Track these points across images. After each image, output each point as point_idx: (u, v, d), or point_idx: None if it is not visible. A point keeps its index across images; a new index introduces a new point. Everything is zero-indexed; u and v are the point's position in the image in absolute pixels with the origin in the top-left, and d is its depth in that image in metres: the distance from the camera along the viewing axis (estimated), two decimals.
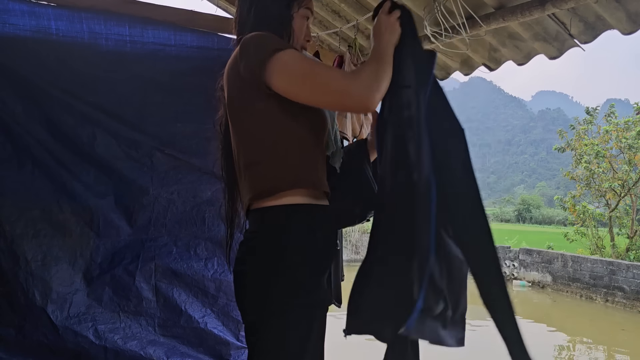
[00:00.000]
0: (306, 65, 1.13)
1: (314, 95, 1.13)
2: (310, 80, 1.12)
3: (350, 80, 1.11)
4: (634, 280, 8.50)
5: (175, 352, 2.09)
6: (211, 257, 2.20)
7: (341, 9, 2.83)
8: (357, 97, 1.10)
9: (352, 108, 1.14)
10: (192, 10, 2.09)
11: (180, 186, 2.14)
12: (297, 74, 1.12)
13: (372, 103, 1.12)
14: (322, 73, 1.13)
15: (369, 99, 1.10)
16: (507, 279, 11.31)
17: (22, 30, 1.79)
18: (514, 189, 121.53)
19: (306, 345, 1.14)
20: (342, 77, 1.13)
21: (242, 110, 1.20)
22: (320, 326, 1.20)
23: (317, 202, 1.22)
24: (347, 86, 1.10)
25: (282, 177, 1.17)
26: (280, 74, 1.12)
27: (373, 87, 1.11)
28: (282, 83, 1.12)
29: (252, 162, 1.20)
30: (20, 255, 1.86)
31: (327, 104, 1.17)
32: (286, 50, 1.13)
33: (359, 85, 1.10)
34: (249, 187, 1.21)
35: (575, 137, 12.20)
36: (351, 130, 2.74)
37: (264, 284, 1.14)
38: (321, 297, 1.20)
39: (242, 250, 1.22)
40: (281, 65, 1.11)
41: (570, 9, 2.00)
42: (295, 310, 1.13)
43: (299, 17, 1.28)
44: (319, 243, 1.19)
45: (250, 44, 1.15)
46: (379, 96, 1.13)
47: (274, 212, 1.16)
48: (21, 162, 1.86)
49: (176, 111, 2.07)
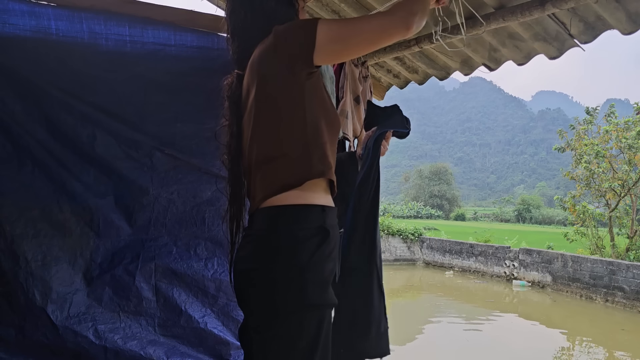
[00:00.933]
0: (345, 21, 1.24)
1: (366, 40, 1.20)
2: (358, 28, 1.19)
3: (388, 15, 1.20)
4: (634, 280, 8.50)
5: (175, 352, 2.09)
6: (211, 257, 2.20)
7: (341, 9, 2.83)
8: (400, 27, 1.18)
9: (399, 36, 1.23)
10: (192, 10, 2.09)
11: (180, 186, 2.13)
12: (343, 31, 1.19)
13: (411, 28, 1.18)
14: (361, 21, 1.21)
15: (408, 25, 1.18)
16: (507, 279, 11.31)
17: (22, 30, 1.79)
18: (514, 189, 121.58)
19: (317, 344, 1.14)
20: (380, 17, 1.21)
21: (269, 104, 1.22)
22: (328, 327, 1.20)
23: (328, 202, 1.23)
24: (387, 23, 1.19)
25: (310, 167, 1.20)
26: (327, 38, 1.17)
27: (409, 16, 1.18)
28: (331, 44, 1.18)
29: (274, 156, 1.21)
30: (20, 255, 1.86)
31: (379, 42, 1.24)
32: (318, 21, 1.19)
33: (396, 17, 1.19)
34: (272, 180, 1.21)
35: (575, 137, 12.21)
36: (352, 130, 2.74)
37: (273, 284, 1.13)
38: (330, 297, 1.20)
39: (247, 249, 1.21)
40: (324, 31, 1.17)
41: (570, 9, 2.00)
42: (306, 311, 1.13)
43: (301, 10, 1.36)
44: (331, 243, 1.19)
45: (286, 30, 1.20)
46: (416, 21, 1.19)
47: (285, 211, 1.16)
48: (21, 162, 1.86)
49: (176, 111, 2.07)
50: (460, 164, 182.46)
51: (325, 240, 1.17)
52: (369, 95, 2.86)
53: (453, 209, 47.68)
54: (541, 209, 44.30)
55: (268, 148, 1.22)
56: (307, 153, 1.20)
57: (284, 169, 1.19)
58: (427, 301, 10.26)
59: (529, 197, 50.83)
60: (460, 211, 45.40)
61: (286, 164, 1.19)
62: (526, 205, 44.49)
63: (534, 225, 37.51)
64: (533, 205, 44.81)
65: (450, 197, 51.79)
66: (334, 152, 1.29)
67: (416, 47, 2.67)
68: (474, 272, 12.31)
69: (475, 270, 12.34)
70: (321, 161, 1.21)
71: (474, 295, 10.55)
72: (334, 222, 1.24)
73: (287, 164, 1.19)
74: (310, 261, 1.14)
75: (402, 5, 1.20)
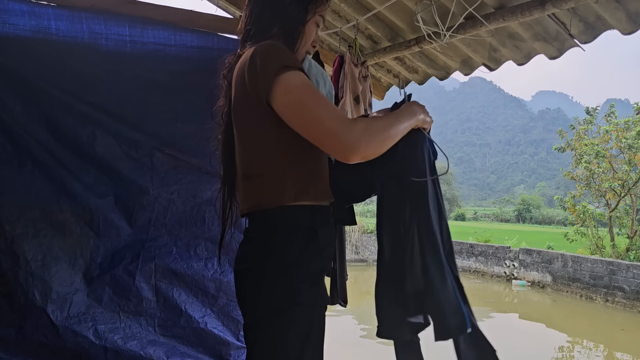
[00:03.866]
0: (308, 96, 1.10)
1: (305, 128, 1.11)
2: (307, 112, 1.09)
3: (345, 125, 1.06)
4: (634, 280, 8.50)
5: (175, 352, 2.09)
6: (211, 257, 2.20)
7: (341, 9, 2.83)
8: (342, 145, 1.06)
9: (335, 153, 1.11)
10: (192, 10, 2.09)
11: (180, 186, 2.13)
12: (296, 102, 1.10)
13: (354, 156, 1.07)
14: (321, 108, 1.09)
15: (353, 150, 1.06)
16: (507, 279, 11.31)
17: (22, 30, 1.79)
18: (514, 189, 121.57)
19: (306, 343, 1.14)
20: (336, 119, 1.07)
21: (246, 119, 1.20)
22: (320, 325, 1.21)
23: (319, 201, 1.23)
24: (337, 130, 1.06)
25: (284, 191, 1.16)
26: (281, 96, 1.10)
27: (362, 141, 1.06)
28: (281, 106, 1.11)
29: (252, 174, 1.20)
30: (20, 255, 1.86)
31: (315, 140, 1.12)
32: (293, 71, 1.11)
33: (351, 134, 1.06)
34: (248, 198, 1.21)
35: (575, 137, 12.20)
36: None
37: (264, 283, 1.15)
38: (321, 296, 1.21)
39: (243, 249, 1.23)
40: (284, 87, 1.10)
41: (570, 9, 2.00)
42: (296, 309, 1.14)
43: (312, 22, 1.29)
44: (320, 243, 1.20)
45: (259, 56, 1.13)
46: (366, 153, 1.08)
47: (275, 213, 1.17)
48: (21, 162, 1.86)
49: (176, 111, 2.07)
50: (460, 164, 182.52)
51: (314, 240, 1.18)
52: (368, 95, 2.86)
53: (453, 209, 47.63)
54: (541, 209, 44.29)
55: (247, 165, 1.22)
56: (281, 177, 1.17)
57: (259, 189, 1.19)
58: None
59: (529, 197, 50.82)
60: (460, 211, 45.40)
61: (261, 184, 1.18)
62: (526, 205, 44.48)
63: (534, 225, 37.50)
64: (533, 205, 44.80)
65: (450, 197, 51.74)
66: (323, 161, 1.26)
67: (416, 47, 2.67)
68: (474, 272, 12.30)
69: (475, 270, 12.33)
70: (296, 185, 1.17)
71: (474, 295, 10.53)
72: (324, 220, 1.23)
73: (262, 185, 1.18)
74: (299, 261, 1.15)
75: (368, 127, 1.09)
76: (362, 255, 13.44)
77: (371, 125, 1.10)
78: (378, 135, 1.11)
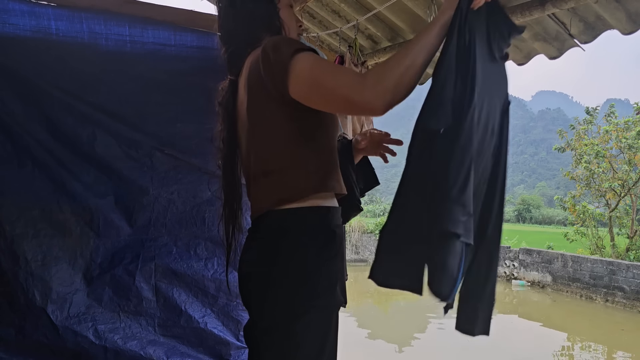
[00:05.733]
0: (317, 71, 1.08)
1: (326, 104, 1.11)
2: (322, 88, 1.08)
3: (355, 88, 1.02)
4: (634, 280, 8.50)
5: (175, 352, 2.09)
6: (211, 257, 2.20)
7: (341, 9, 2.83)
8: (361, 105, 1.03)
9: (362, 115, 1.10)
10: (192, 10, 2.09)
11: (180, 186, 2.13)
12: (310, 80, 1.09)
13: (377, 111, 1.02)
14: (330, 79, 1.06)
15: (374, 107, 1.01)
16: (507, 279, 11.31)
17: (22, 30, 1.79)
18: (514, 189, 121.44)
19: (325, 346, 1.14)
20: (345, 85, 1.04)
21: (263, 115, 1.19)
22: (336, 328, 1.20)
23: (333, 202, 1.23)
24: (351, 93, 1.02)
25: (305, 184, 1.16)
26: (297, 79, 1.09)
27: (378, 93, 1.00)
28: (298, 88, 1.10)
29: (271, 170, 1.19)
30: (20, 255, 1.85)
31: (340, 112, 1.13)
32: (304, 53, 1.11)
33: (363, 93, 1.01)
34: (269, 194, 1.19)
35: (575, 137, 12.20)
36: (351, 130, 2.74)
37: (284, 287, 1.13)
38: (337, 298, 1.20)
39: (254, 252, 1.21)
40: (298, 70, 1.09)
41: (570, 9, 2.00)
42: (316, 312, 1.13)
43: (283, 7, 1.29)
44: (336, 243, 1.19)
45: (270, 48, 1.13)
46: (388, 101, 1.00)
47: (290, 215, 1.16)
48: (21, 162, 1.86)
49: (176, 111, 2.07)
50: None
51: (332, 241, 1.17)
52: None
53: None
54: (541, 209, 44.31)
55: (264, 161, 1.20)
56: (304, 167, 1.17)
57: (280, 184, 1.18)
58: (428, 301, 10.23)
59: (529, 197, 50.84)
60: None
61: (282, 179, 1.17)
62: (526, 205, 44.50)
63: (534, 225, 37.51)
64: (533, 205, 44.84)
65: None
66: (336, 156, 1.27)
67: None
68: None
69: None
70: (318, 174, 1.18)
71: None
72: (339, 221, 1.23)
73: (283, 179, 1.17)
74: (317, 263, 1.14)
75: (382, 74, 1.00)
76: (362, 255, 13.45)
77: (382, 71, 1.00)
78: (393, 78, 0.99)
